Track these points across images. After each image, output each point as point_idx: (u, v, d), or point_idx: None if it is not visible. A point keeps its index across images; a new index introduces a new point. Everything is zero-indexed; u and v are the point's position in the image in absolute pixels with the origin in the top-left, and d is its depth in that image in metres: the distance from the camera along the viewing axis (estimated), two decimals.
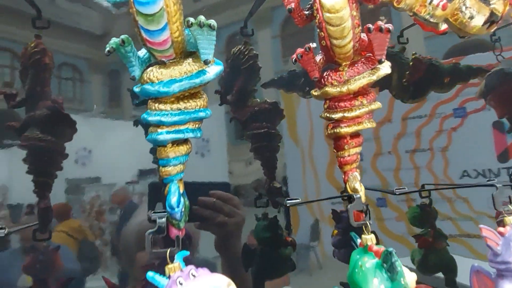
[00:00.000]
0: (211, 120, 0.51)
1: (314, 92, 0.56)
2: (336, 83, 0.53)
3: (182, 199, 0.49)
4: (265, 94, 1.09)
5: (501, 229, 0.58)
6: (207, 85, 0.47)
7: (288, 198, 0.72)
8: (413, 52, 1.16)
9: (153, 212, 0.48)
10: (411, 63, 1.13)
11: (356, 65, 0.53)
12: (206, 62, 0.46)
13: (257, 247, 0.98)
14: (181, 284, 0.41)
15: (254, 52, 1.00)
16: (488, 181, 0.62)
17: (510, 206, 0.60)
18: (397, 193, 0.76)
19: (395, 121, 2.10)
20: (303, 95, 1.08)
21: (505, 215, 0.59)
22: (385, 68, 0.53)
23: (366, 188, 0.56)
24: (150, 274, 0.42)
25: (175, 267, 0.43)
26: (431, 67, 1.16)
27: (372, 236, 0.52)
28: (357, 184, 0.55)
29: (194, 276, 0.42)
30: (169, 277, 0.43)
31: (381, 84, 1.19)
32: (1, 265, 1.21)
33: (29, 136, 0.83)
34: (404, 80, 1.15)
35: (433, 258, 1.10)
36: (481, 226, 0.57)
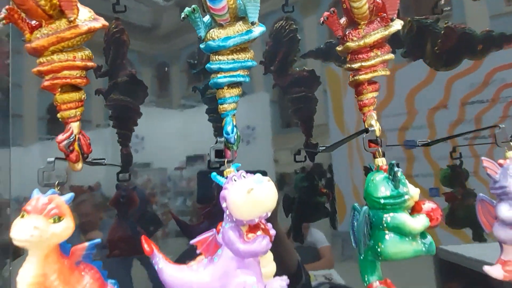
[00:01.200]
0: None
1: (338, 48, 0.70)
2: (355, 39, 0.66)
3: (235, 128, 0.66)
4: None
5: (501, 160, 0.68)
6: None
7: (321, 146, 0.87)
8: (445, 21, 1.23)
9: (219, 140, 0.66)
10: (443, 32, 1.21)
11: (372, 23, 0.66)
12: (252, 23, 0.61)
13: (296, 196, 1.14)
14: (235, 180, 0.58)
15: (294, 26, 1.14)
16: None
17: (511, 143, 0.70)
18: (419, 145, 0.88)
19: (452, 106, 2.04)
20: (339, 64, 1.20)
21: (507, 150, 0.69)
22: (397, 25, 0.65)
23: (387, 145, 0.68)
24: (214, 173, 0.60)
25: (231, 171, 0.60)
26: (464, 35, 1.22)
27: (383, 159, 0.65)
28: (373, 121, 0.68)
29: (244, 177, 0.59)
30: (226, 177, 0.60)
31: (416, 53, 1.28)
32: None
33: (113, 98, 1.05)
34: (436, 48, 1.23)
35: (461, 214, 1.19)
36: (483, 158, 0.68)
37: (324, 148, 0.91)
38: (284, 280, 0.58)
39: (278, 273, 1.31)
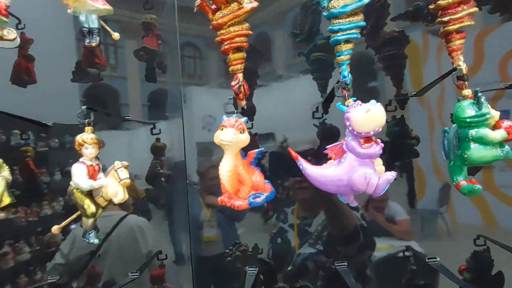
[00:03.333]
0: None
1: (430, 6, 0.89)
2: None
3: (349, 74, 0.90)
4: None
5: None
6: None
7: (413, 91, 1.08)
8: None
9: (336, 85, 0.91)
10: None
11: None
12: None
13: (388, 141, 1.35)
14: (354, 107, 0.82)
15: None
16: None
17: None
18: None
19: None
20: (427, 24, 1.35)
21: None
22: None
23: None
24: (338, 103, 0.85)
25: (350, 101, 0.85)
26: None
27: (469, 90, 0.85)
28: (460, 62, 0.87)
29: (360, 105, 0.83)
30: (347, 106, 0.85)
31: (504, 8, 1.37)
32: None
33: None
34: None
35: None
36: None
37: (415, 93, 1.11)
38: (393, 174, 0.82)
39: (334, 231, 1.54)
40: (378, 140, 0.84)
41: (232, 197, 0.86)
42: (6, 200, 0.90)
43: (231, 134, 0.81)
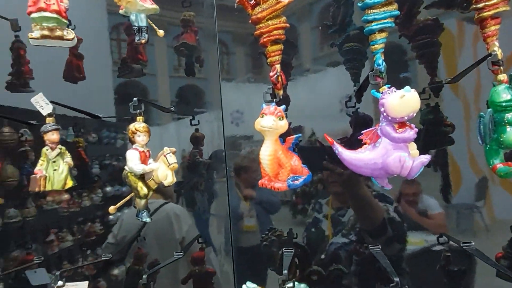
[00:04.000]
0: None
1: None
2: None
3: (383, 62, 0.94)
4: None
5: None
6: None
7: (447, 78, 1.09)
8: None
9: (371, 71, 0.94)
10: None
11: None
12: None
13: (422, 128, 1.36)
14: (389, 93, 0.86)
15: None
16: None
17: None
18: None
19: None
20: (462, 11, 1.34)
21: None
22: None
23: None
24: (373, 90, 0.89)
25: (384, 88, 0.89)
26: None
27: (504, 74, 0.86)
28: (495, 47, 0.89)
29: (394, 91, 0.86)
30: (381, 93, 0.88)
31: None
32: None
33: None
34: None
35: None
36: None
37: (449, 79, 1.12)
38: (427, 157, 0.85)
39: (362, 224, 1.51)
40: (413, 125, 0.88)
41: (272, 180, 0.92)
42: (69, 183, 1.01)
43: (271, 121, 0.87)
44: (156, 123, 1.90)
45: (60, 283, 1.02)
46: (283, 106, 0.92)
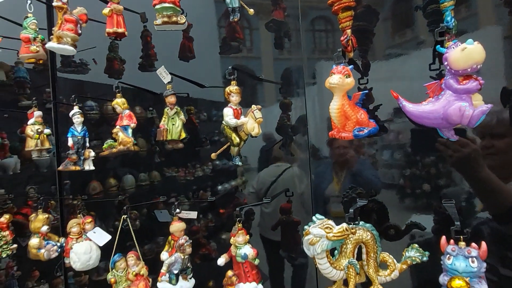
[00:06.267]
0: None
1: None
2: None
3: (453, 18, 0.98)
4: None
5: None
6: None
7: None
8: None
9: None
10: None
11: None
12: None
13: None
14: (453, 48, 0.91)
15: None
16: None
17: None
18: None
19: None
20: None
21: None
22: None
23: None
24: (438, 45, 0.95)
25: (449, 43, 0.94)
26: None
27: None
28: None
29: (459, 45, 0.91)
30: (446, 47, 0.93)
31: None
32: None
33: None
34: None
35: None
36: None
37: None
38: (488, 106, 0.89)
39: (490, 209, 1.36)
40: (479, 78, 0.91)
41: (340, 131, 1.06)
42: (183, 134, 1.32)
43: (337, 78, 1.01)
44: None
45: (177, 210, 1.35)
46: (350, 66, 1.05)
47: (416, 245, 1.13)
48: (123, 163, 2.28)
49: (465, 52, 0.88)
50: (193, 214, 1.38)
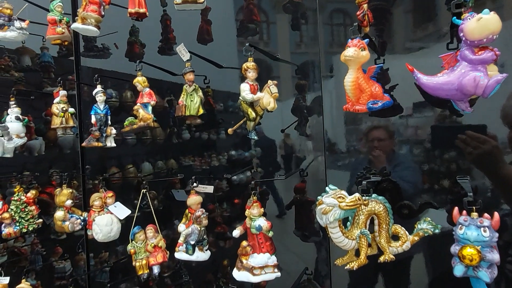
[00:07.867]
0: None
1: None
2: None
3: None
4: None
5: None
6: None
7: None
8: None
9: None
10: None
11: None
12: None
13: None
14: (469, 19, 0.91)
15: None
16: None
17: None
18: None
19: None
20: None
21: None
22: None
23: None
24: (454, 17, 0.95)
25: (465, 14, 0.94)
26: None
27: None
28: None
29: (475, 16, 0.91)
30: (463, 19, 0.94)
31: None
32: None
33: None
34: None
35: None
36: None
37: None
38: (503, 75, 0.89)
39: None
40: (495, 49, 0.92)
41: (354, 104, 1.08)
42: (201, 110, 1.36)
43: (352, 51, 1.03)
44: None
45: (195, 184, 1.40)
46: (366, 40, 1.06)
47: (429, 218, 1.14)
48: (141, 151, 2.35)
49: (481, 22, 0.88)
50: (210, 188, 1.42)
